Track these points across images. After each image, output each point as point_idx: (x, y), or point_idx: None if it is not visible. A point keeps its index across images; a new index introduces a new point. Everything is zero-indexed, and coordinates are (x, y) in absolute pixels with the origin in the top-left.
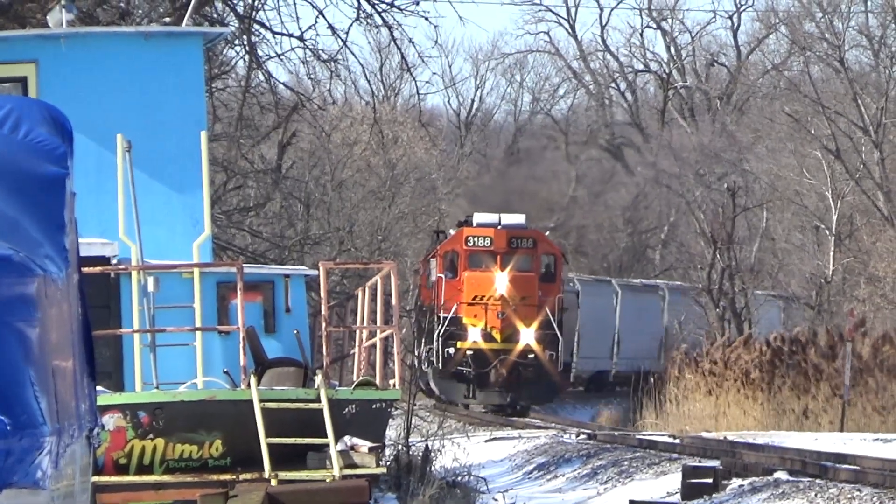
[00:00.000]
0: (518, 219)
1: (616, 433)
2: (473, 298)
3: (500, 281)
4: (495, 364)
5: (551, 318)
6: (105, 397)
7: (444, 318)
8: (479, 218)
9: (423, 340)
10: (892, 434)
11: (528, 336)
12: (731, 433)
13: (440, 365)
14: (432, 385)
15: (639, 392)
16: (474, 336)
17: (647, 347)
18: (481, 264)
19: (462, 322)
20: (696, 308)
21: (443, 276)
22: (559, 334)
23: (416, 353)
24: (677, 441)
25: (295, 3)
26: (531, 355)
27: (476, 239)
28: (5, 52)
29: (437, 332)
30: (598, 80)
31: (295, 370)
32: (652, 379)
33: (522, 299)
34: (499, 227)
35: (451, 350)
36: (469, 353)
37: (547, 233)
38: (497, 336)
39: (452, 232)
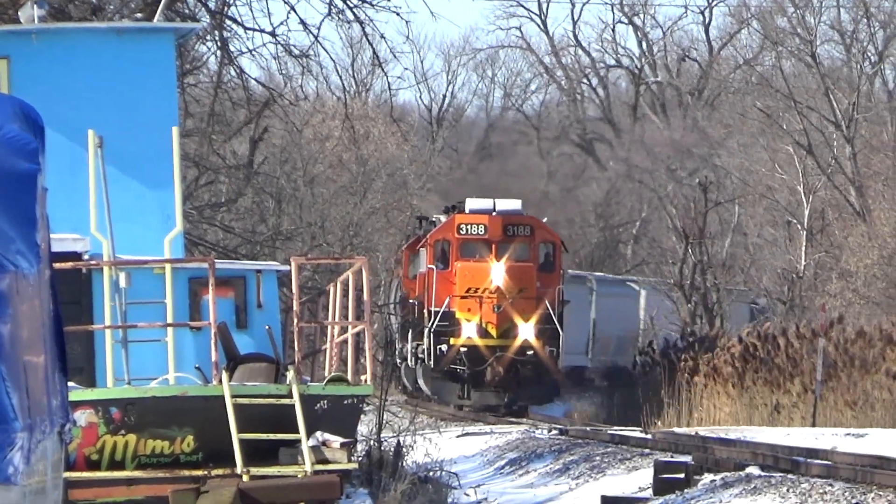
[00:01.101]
0: (514, 204)
1: (588, 429)
2: (467, 291)
3: (496, 272)
4: (491, 362)
5: (551, 312)
6: (77, 393)
7: (436, 313)
8: (471, 204)
9: (407, 335)
10: (863, 429)
11: (526, 331)
12: (703, 428)
13: (432, 363)
14: (421, 384)
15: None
16: (468, 332)
17: (624, 343)
18: (475, 254)
19: (455, 316)
20: (668, 303)
21: (433, 266)
22: (560, 329)
23: (401, 350)
24: (649, 437)
25: None
26: (530, 352)
27: (469, 227)
28: None
29: (427, 327)
30: (570, 76)
31: (267, 366)
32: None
33: (520, 291)
34: (493, 214)
35: (444, 347)
36: (463, 349)
37: (545, 219)
38: (493, 331)
39: (441, 217)
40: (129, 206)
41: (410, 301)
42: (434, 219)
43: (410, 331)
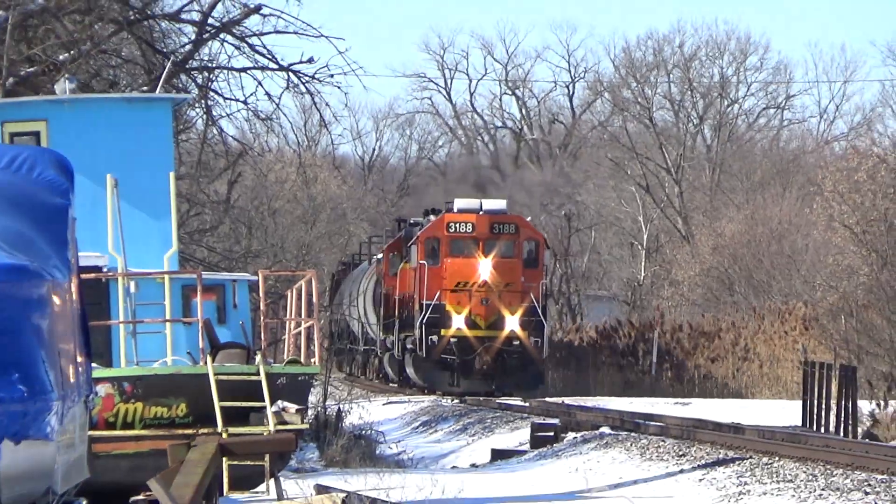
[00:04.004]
0: (499, 204)
1: (481, 399)
2: (456, 285)
3: (484, 267)
4: (480, 351)
5: (536, 305)
6: (98, 371)
7: (427, 306)
8: (459, 204)
9: (392, 328)
10: (688, 399)
11: (512, 323)
12: (568, 398)
13: (423, 353)
14: (409, 373)
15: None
16: (458, 323)
17: None
18: (463, 250)
19: (445, 309)
20: None
21: (424, 262)
22: (544, 321)
23: (383, 342)
24: (527, 404)
25: (240, 76)
26: (516, 342)
27: (458, 225)
28: (23, 112)
29: (419, 319)
30: (468, 134)
31: (240, 351)
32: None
33: (506, 285)
34: (480, 213)
35: (435, 338)
36: (453, 340)
37: (529, 218)
38: (481, 323)
39: (420, 220)
40: (137, 232)
41: (394, 297)
42: (412, 221)
43: (397, 323)
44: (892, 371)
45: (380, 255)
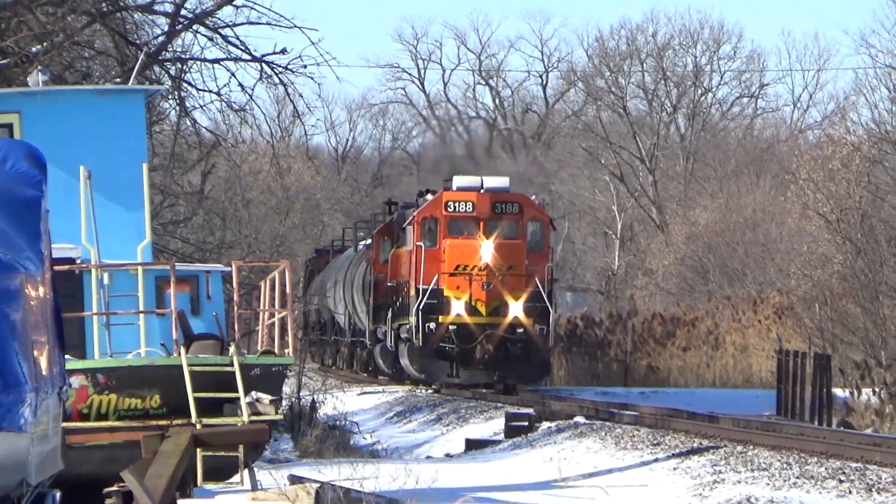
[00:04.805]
0: (502, 182)
1: (457, 389)
2: (456, 269)
3: (485, 249)
4: (481, 340)
5: (541, 290)
6: (72, 363)
7: (424, 291)
8: (459, 181)
9: (383, 317)
10: (661, 388)
11: (516, 309)
12: (542, 388)
13: (420, 342)
14: (404, 364)
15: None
16: (457, 309)
17: None
18: (463, 231)
19: (444, 294)
20: None
21: (421, 244)
22: (550, 307)
23: (373, 332)
24: (501, 394)
25: (214, 67)
26: (520, 330)
27: (457, 204)
28: None
29: (415, 305)
30: (442, 125)
31: (214, 342)
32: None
33: (509, 269)
34: (481, 191)
35: (432, 325)
36: (452, 328)
37: (533, 197)
38: (482, 309)
39: (412, 203)
40: (111, 223)
41: (386, 284)
42: (404, 203)
43: (390, 311)
44: (866, 359)
45: (368, 241)
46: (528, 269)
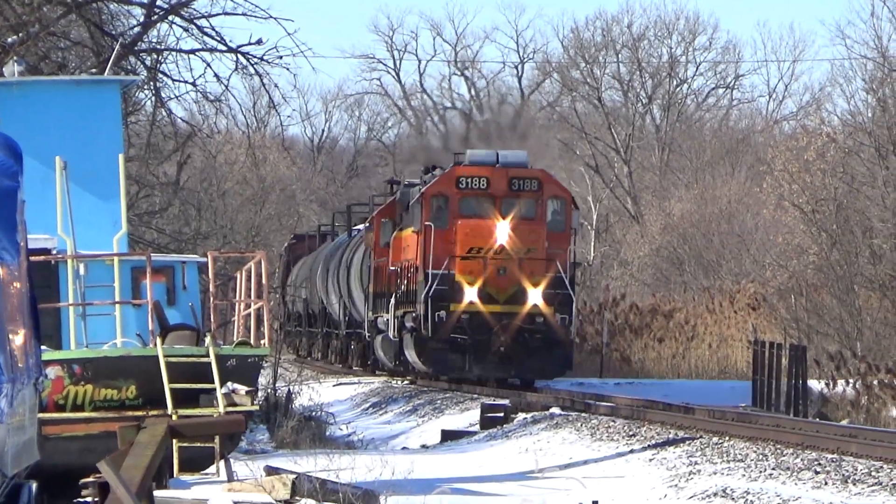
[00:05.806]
0: (519, 156)
1: (431, 380)
2: (469, 251)
3: (501, 230)
4: (496, 330)
5: (563, 275)
6: (48, 354)
7: (434, 276)
8: (472, 155)
9: (384, 305)
10: (637, 379)
11: (535, 296)
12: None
13: (428, 332)
14: (410, 356)
15: None
16: (471, 296)
17: None
18: (477, 210)
19: (455, 280)
20: None
21: (430, 224)
22: (573, 294)
23: (373, 322)
24: (476, 385)
25: (189, 58)
26: (539, 319)
27: (470, 180)
28: None
29: (423, 292)
30: (418, 115)
31: (190, 333)
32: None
33: (528, 252)
34: (497, 166)
35: (442, 314)
36: (464, 316)
37: (553, 173)
38: (498, 296)
39: (415, 182)
40: (87, 214)
41: (387, 269)
42: (408, 182)
43: (392, 299)
44: (842, 350)
45: (367, 224)
46: (548, 253)
